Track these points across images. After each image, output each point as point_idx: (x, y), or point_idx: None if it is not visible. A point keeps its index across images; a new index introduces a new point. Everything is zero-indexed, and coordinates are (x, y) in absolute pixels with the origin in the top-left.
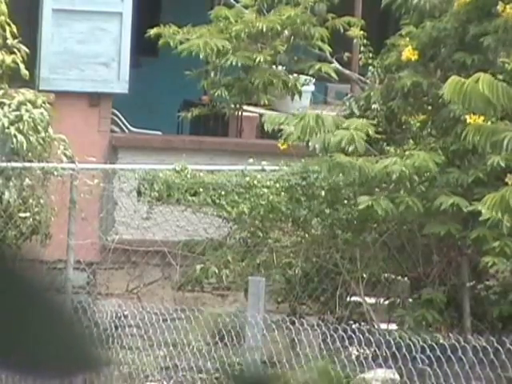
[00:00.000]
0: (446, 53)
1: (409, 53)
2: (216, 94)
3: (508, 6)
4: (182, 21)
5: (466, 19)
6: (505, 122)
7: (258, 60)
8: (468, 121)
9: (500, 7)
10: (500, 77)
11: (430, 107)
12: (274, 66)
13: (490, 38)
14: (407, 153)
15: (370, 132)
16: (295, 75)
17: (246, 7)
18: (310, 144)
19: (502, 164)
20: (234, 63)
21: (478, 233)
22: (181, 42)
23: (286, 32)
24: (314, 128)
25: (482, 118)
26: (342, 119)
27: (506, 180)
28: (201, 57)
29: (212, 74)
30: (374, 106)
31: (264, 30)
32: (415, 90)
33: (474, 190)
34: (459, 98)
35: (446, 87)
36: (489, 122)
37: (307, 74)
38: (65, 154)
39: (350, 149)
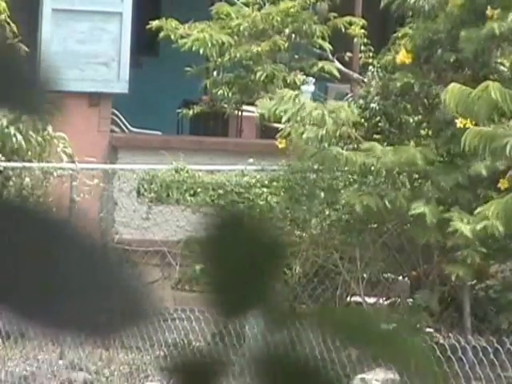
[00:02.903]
0: (440, 54)
1: (403, 56)
2: (218, 92)
3: (496, 12)
4: (182, 20)
5: (459, 21)
6: (503, 126)
7: (257, 51)
8: (458, 125)
9: (489, 12)
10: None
11: (424, 108)
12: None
13: (470, 45)
14: (397, 146)
15: (353, 117)
16: (295, 72)
17: (247, 5)
18: (303, 136)
19: (484, 173)
20: (236, 56)
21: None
22: (182, 37)
23: (287, 30)
24: (291, 107)
25: (472, 121)
26: (325, 106)
27: (499, 185)
28: (201, 52)
29: (214, 73)
30: (372, 106)
31: (263, 24)
32: (409, 90)
33: (458, 194)
34: (462, 106)
35: (447, 95)
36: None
37: (308, 73)
38: (64, 152)
39: (349, 147)
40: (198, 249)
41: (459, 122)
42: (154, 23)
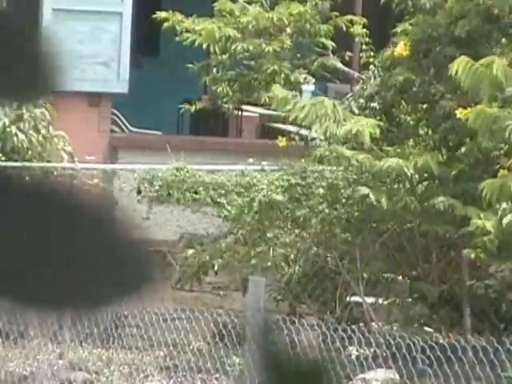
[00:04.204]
0: (439, 49)
1: (400, 49)
2: (218, 89)
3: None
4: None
5: (458, 15)
6: (507, 109)
7: (266, 50)
8: (458, 116)
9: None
10: None
11: (424, 105)
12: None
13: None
14: (412, 151)
15: (377, 131)
16: (297, 70)
17: (250, 3)
18: (311, 133)
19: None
20: (244, 50)
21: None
22: (187, 30)
23: (289, 30)
24: (327, 115)
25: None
26: (349, 114)
27: (500, 162)
28: (204, 46)
29: (214, 70)
30: (372, 105)
31: (270, 24)
32: (409, 87)
33: (462, 183)
34: (468, 78)
35: (455, 65)
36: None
37: (310, 71)
38: (64, 152)
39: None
40: None
41: (459, 113)
42: (159, 14)
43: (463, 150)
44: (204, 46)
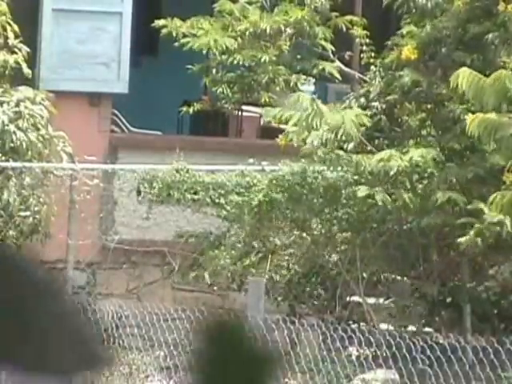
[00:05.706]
0: (445, 52)
1: (408, 51)
2: (217, 90)
3: (509, 6)
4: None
5: (466, 18)
6: (509, 115)
7: (263, 59)
8: (468, 121)
9: (501, 7)
10: None
11: (428, 106)
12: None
13: (491, 35)
14: (405, 149)
15: (365, 121)
16: (297, 74)
17: (250, 3)
18: (307, 141)
19: (503, 162)
20: (240, 62)
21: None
22: (184, 35)
23: (289, 30)
24: (311, 115)
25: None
26: (337, 110)
27: (504, 178)
28: (204, 52)
29: (214, 71)
30: (373, 104)
31: (268, 29)
32: (415, 88)
33: (473, 187)
34: (472, 90)
35: (458, 77)
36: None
37: (310, 74)
38: (64, 152)
39: (349, 145)
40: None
41: (469, 118)
42: (158, 22)
43: (473, 158)
44: (204, 51)
